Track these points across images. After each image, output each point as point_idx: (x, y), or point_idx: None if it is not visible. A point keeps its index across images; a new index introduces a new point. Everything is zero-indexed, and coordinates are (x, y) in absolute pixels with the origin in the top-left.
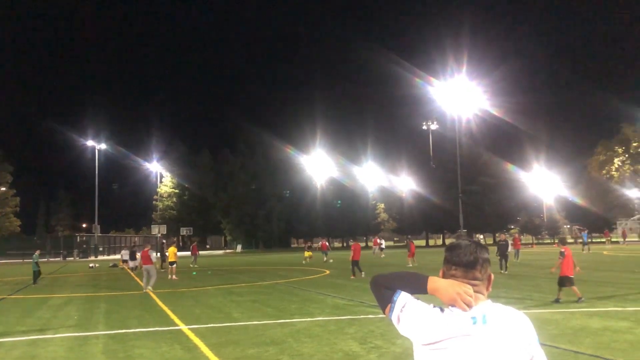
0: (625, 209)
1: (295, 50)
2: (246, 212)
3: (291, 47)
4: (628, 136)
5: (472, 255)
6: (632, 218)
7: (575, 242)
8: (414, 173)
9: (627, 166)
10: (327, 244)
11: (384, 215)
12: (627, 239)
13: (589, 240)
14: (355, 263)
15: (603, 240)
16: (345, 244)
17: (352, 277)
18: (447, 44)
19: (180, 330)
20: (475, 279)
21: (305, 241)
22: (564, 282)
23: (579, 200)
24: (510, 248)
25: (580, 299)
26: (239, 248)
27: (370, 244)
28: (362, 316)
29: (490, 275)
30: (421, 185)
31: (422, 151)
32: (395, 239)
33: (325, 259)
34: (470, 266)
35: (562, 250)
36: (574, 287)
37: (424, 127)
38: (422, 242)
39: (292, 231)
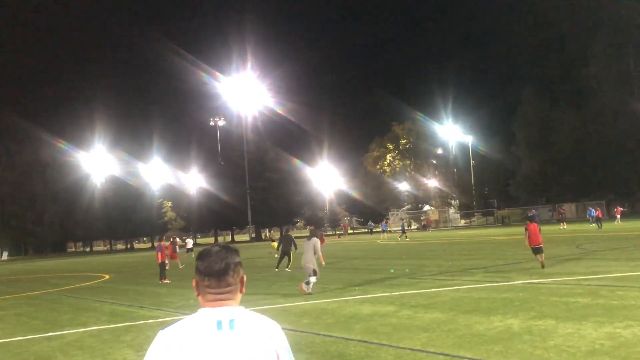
0: (397, 200)
1: (72, 38)
2: (12, 214)
3: (66, 34)
4: (398, 134)
5: (223, 262)
6: (402, 209)
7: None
8: (203, 170)
9: (397, 161)
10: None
11: (171, 214)
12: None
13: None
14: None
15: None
16: (129, 246)
17: (166, 281)
18: (231, 39)
19: None
20: (228, 285)
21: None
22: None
23: (356, 194)
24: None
25: None
26: (4, 255)
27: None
28: (140, 322)
29: (242, 278)
30: (210, 182)
31: (210, 147)
32: (183, 237)
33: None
34: (222, 274)
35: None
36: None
37: (212, 123)
38: (212, 239)
39: (67, 235)
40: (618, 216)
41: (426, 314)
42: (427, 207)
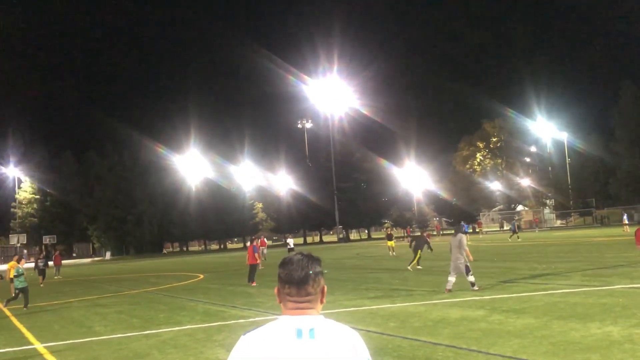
0: (488, 200)
1: (167, 47)
2: (115, 216)
3: (162, 44)
4: (488, 132)
5: (303, 271)
6: (493, 209)
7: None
8: (291, 171)
9: (488, 160)
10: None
11: (262, 215)
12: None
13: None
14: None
15: (476, 230)
16: (222, 246)
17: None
18: (318, 42)
19: (34, 350)
20: (308, 294)
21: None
22: None
23: (445, 194)
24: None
25: None
26: (107, 255)
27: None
28: (232, 321)
29: (323, 288)
30: (298, 184)
31: (298, 149)
32: (274, 237)
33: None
34: (302, 282)
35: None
36: None
37: (299, 126)
38: (300, 240)
39: (165, 235)
40: None
41: (518, 319)
42: (520, 207)
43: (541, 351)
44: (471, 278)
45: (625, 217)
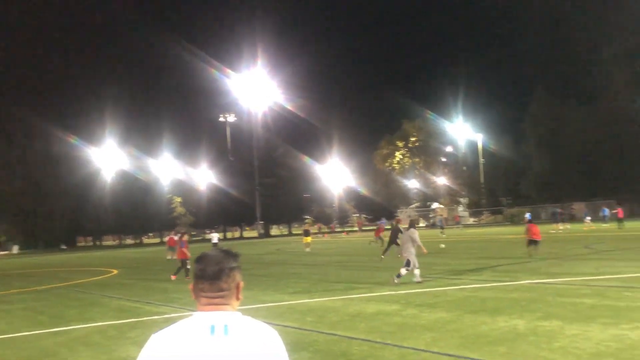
0: (405, 197)
1: (81, 34)
2: (23, 208)
3: (75, 30)
4: (408, 132)
5: (217, 266)
6: (410, 206)
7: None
8: (212, 166)
9: (407, 159)
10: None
11: (180, 210)
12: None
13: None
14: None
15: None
16: (138, 241)
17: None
18: (242, 36)
19: None
20: (221, 290)
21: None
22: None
23: (365, 191)
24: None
25: None
26: (15, 249)
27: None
28: (146, 318)
29: (238, 284)
30: (219, 178)
31: (220, 144)
32: (192, 233)
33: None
34: (215, 278)
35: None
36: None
37: (222, 119)
38: (221, 236)
39: (78, 229)
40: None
41: (431, 313)
42: (435, 205)
43: (452, 344)
44: (403, 271)
45: (527, 215)
